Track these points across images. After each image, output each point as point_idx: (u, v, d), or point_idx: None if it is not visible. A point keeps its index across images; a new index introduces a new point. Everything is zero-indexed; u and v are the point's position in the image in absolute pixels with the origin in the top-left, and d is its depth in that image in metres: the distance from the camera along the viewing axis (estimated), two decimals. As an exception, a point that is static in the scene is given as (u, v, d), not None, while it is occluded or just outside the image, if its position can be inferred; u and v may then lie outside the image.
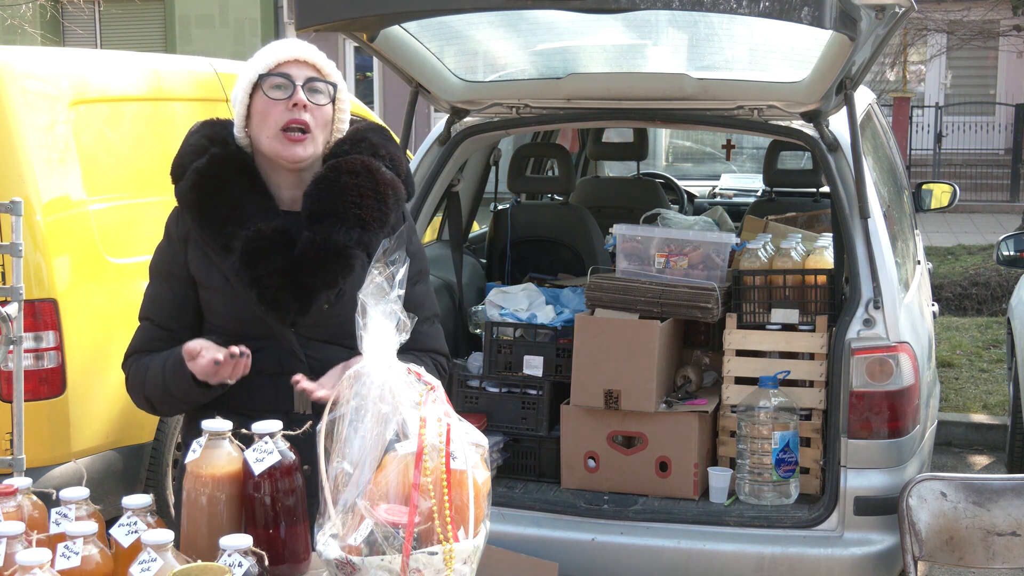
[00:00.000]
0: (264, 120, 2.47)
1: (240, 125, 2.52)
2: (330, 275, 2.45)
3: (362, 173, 2.51)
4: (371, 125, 2.67)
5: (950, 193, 6.24)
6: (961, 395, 7.33)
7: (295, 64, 2.48)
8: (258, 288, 2.43)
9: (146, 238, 4.77)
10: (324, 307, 2.47)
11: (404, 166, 2.64)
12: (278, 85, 2.46)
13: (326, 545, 1.90)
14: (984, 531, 3.22)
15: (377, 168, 2.54)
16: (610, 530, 3.83)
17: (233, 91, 2.55)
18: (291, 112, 2.45)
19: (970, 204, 16.35)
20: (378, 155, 2.57)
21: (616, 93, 4.30)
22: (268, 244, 2.44)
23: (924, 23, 15.92)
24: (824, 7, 2.87)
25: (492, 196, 5.74)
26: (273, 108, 2.46)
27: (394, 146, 2.64)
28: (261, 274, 2.43)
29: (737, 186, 8.96)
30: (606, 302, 4.11)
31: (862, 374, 3.71)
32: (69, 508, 1.98)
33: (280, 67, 2.47)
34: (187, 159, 2.53)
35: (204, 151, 2.52)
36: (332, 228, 2.46)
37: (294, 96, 2.45)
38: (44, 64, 4.59)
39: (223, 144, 2.53)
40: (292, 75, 2.47)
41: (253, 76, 2.48)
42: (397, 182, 2.57)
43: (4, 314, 3.92)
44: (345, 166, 2.51)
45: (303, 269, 2.44)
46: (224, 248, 2.46)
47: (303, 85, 2.47)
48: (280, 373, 2.47)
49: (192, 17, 20.60)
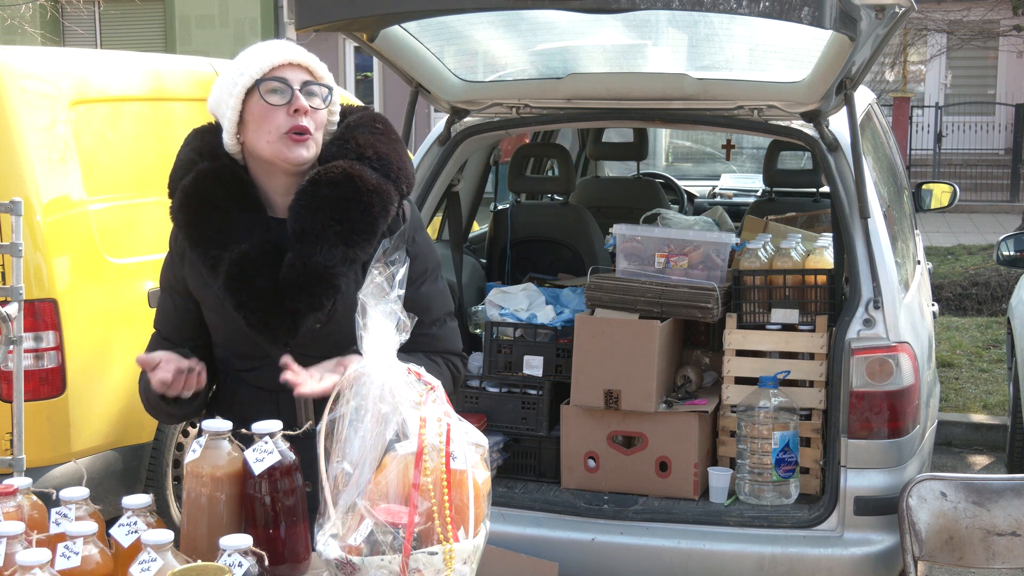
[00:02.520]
0: (262, 125, 2.39)
1: (232, 132, 2.42)
2: (315, 299, 2.37)
3: (342, 183, 2.38)
4: (362, 119, 2.53)
5: (950, 193, 6.24)
6: (961, 395, 7.33)
7: (290, 68, 2.40)
8: (244, 312, 2.39)
9: (146, 238, 4.78)
10: (316, 327, 2.41)
11: (397, 163, 2.48)
12: (275, 90, 2.38)
13: (326, 545, 1.90)
14: (984, 531, 3.22)
15: (360, 174, 2.40)
16: (610, 530, 3.83)
17: (214, 95, 2.45)
18: (292, 118, 2.38)
19: (970, 204, 16.35)
20: (364, 157, 2.44)
21: (616, 93, 4.30)
22: (252, 267, 2.38)
23: (924, 23, 15.92)
24: (824, 7, 2.86)
25: (492, 196, 5.74)
26: (273, 114, 2.37)
27: (385, 141, 2.50)
28: (245, 299, 2.38)
29: (737, 186, 8.96)
30: (606, 302, 4.11)
31: (862, 374, 3.71)
32: (69, 508, 1.98)
33: (275, 71, 2.38)
34: (178, 175, 2.47)
35: (193, 166, 2.45)
36: (313, 249, 2.36)
37: (294, 102, 2.37)
38: (44, 64, 4.59)
39: (212, 156, 2.45)
40: (288, 79, 2.39)
41: (248, 81, 2.37)
42: (384, 185, 2.42)
43: (4, 314, 3.92)
44: (324, 176, 2.39)
45: (287, 293, 2.37)
46: (212, 269, 2.41)
47: (300, 89, 2.39)
48: (280, 390, 2.40)
49: (192, 17, 20.60)
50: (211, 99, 2.47)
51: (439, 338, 2.58)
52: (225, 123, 2.42)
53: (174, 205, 2.47)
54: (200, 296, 2.49)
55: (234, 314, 2.41)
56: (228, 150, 2.45)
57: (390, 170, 2.46)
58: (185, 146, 2.52)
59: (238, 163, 2.47)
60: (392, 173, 2.46)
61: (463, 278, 4.91)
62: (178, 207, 2.46)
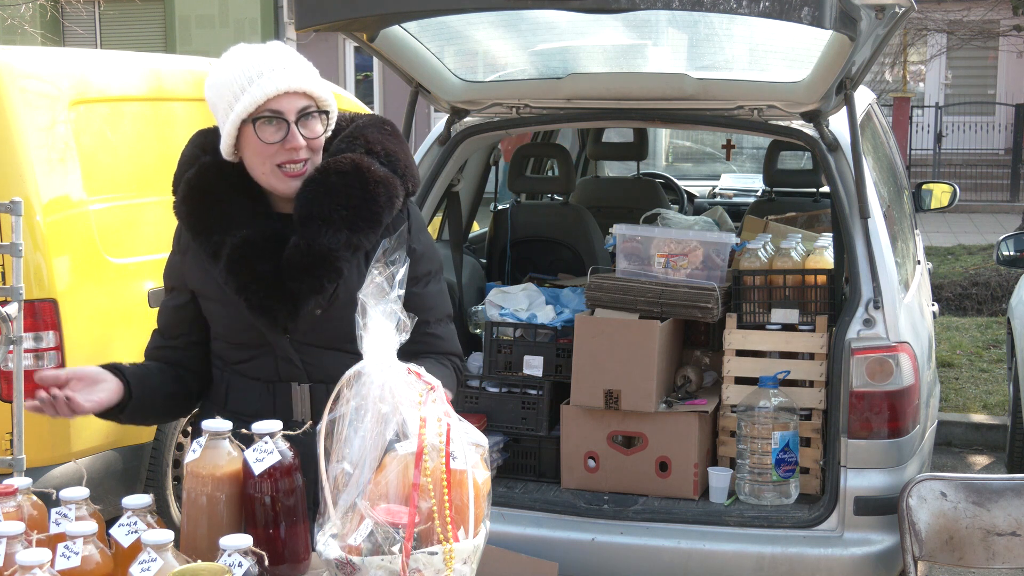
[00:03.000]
0: (257, 156, 2.38)
1: (229, 151, 2.41)
2: (316, 280, 2.37)
3: (350, 172, 2.40)
4: (372, 120, 2.55)
5: (950, 193, 6.24)
6: (961, 395, 7.33)
7: (286, 97, 2.34)
8: (245, 295, 2.39)
9: (146, 238, 4.78)
10: (316, 312, 2.41)
11: (404, 161, 2.50)
12: (271, 122, 2.35)
13: (326, 545, 1.90)
14: (984, 531, 3.22)
15: (368, 166, 2.42)
16: (610, 530, 3.83)
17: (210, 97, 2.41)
18: (287, 153, 2.36)
19: (970, 204, 16.35)
20: (372, 151, 2.45)
21: (616, 93, 4.30)
22: (254, 251, 2.39)
23: (924, 23, 15.92)
24: (824, 7, 2.86)
25: (492, 196, 5.74)
26: (267, 149, 2.36)
27: (393, 141, 2.52)
28: (247, 281, 2.39)
29: (737, 186, 8.96)
30: (606, 302, 4.11)
31: (862, 374, 3.71)
32: (69, 508, 1.98)
33: (270, 103, 2.33)
34: (181, 171, 2.49)
35: (196, 160, 2.47)
36: (318, 232, 2.37)
37: (289, 140, 2.35)
38: (44, 64, 4.59)
39: (215, 151, 2.45)
40: (284, 111, 2.34)
41: (243, 112, 2.33)
42: (391, 178, 2.44)
43: (4, 314, 3.92)
44: (334, 166, 2.41)
45: (289, 275, 2.38)
46: (213, 255, 2.42)
47: (297, 121, 2.36)
48: (277, 380, 2.46)
49: (192, 17, 20.60)
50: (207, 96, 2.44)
51: (442, 338, 2.58)
52: (222, 140, 2.41)
53: (177, 199, 2.48)
54: (201, 287, 2.49)
55: (234, 299, 2.41)
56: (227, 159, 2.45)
57: (397, 166, 2.48)
58: (190, 144, 2.53)
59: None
60: (399, 169, 2.48)
61: (463, 278, 4.91)
62: (181, 200, 2.47)
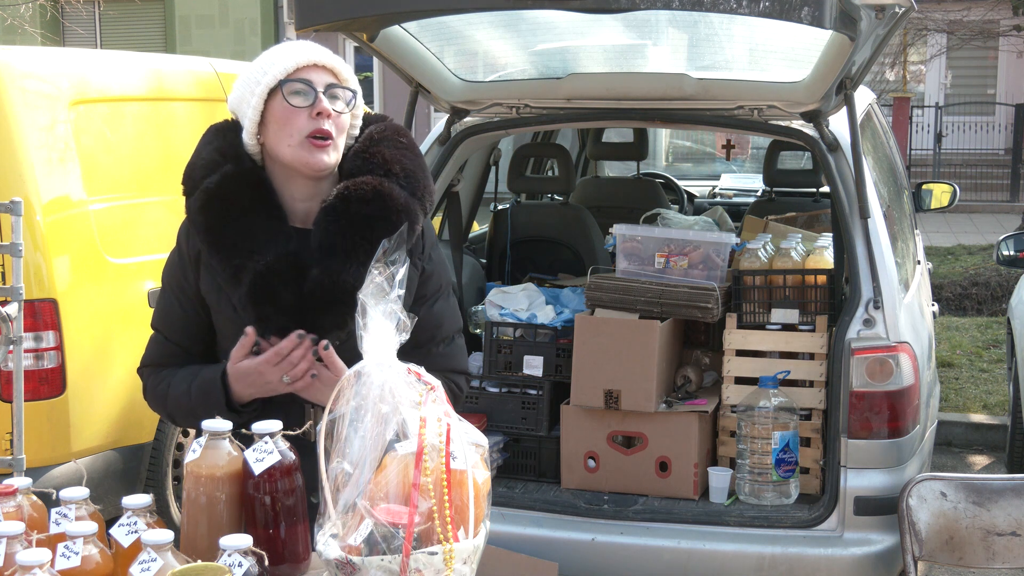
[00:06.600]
0: (284, 128, 2.34)
1: (252, 132, 2.37)
2: (339, 317, 2.33)
3: (373, 200, 2.34)
4: (385, 131, 2.48)
5: (950, 193, 6.24)
6: (961, 395, 7.33)
7: (314, 69, 2.35)
8: (263, 325, 2.33)
9: (146, 238, 4.79)
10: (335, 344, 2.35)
11: (423, 180, 2.44)
12: (299, 91, 2.33)
13: (326, 545, 1.90)
14: (984, 531, 3.22)
15: (389, 192, 2.36)
16: (610, 530, 3.83)
17: (236, 93, 2.41)
18: (315, 121, 2.33)
19: (970, 204, 16.35)
20: (391, 173, 2.39)
21: (616, 93, 4.30)
22: (277, 280, 2.33)
23: (924, 23, 15.93)
24: (824, 7, 2.86)
25: (492, 196, 5.74)
26: (295, 116, 2.33)
27: (410, 156, 2.46)
28: (269, 313, 2.33)
29: (737, 186, 8.96)
30: (606, 302, 4.11)
31: (862, 374, 3.71)
32: (69, 508, 1.97)
33: (299, 72, 2.33)
34: (199, 173, 2.40)
35: (217, 167, 2.39)
36: (342, 267, 2.32)
37: (317, 104, 2.33)
38: (44, 64, 4.59)
39: (236, 159, 2.39)
40: (313, 81, 2.34)
41: (271, 81, 2.32)
42: (412, 204, 2.39)
43: (4, 314, 3.92)
44: (355, 193, 2.35)
45: (312, 308, 2.33)
46: (233, 279, 2.35)
47: (324, 92, 2.34)
48: (291, 402, 2.39)
49: (192, 17, 20.61)
50: (232, 97, 2.42)
51: (446, 357, 2.54)
52: (246, 122, 2.38)
53: (193, 204, 2.40)
54: (213, 303, 2.43)
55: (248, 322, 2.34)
56: (248, 150, 2.40)
57: (416, 188, 2.43)
58: (206, 144, 2.45)
59: (260, 167, 2.42)
60: (418, 192, 2.43)
61: (463, 278, 4.92)
62: (198, 208, 2.38)
